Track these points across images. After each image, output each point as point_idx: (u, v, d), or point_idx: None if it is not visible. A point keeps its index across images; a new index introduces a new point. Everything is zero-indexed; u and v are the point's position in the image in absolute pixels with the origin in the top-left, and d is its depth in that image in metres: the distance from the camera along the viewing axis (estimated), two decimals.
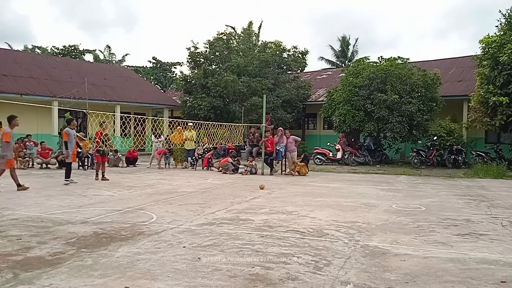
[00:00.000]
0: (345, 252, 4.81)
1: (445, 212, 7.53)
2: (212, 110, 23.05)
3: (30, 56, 29.06)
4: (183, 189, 10.31)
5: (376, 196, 9.58)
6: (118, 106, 25.21)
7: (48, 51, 41.03)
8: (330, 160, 19.45)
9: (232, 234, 5.63)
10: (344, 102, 19.02)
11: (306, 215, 7.08)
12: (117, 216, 6.79)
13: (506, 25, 16.29)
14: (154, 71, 45.98)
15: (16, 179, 9.74)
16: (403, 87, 18.14)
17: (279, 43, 26.43)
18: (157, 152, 16.89)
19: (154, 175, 13.85)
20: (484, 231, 6.04)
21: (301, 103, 25.24)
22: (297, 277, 3.93)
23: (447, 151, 17.68)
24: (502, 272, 4.17)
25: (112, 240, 5.19)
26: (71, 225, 6.05)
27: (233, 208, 7.65)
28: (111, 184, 11.22)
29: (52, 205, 7.69)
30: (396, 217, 6.97)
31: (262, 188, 10.46)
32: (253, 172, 14.70)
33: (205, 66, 24.81)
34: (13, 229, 5.71)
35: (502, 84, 15.03)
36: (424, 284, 3.80)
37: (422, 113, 17.87)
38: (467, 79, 21.41)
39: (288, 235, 5.62)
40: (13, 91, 20.73)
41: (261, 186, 10.66)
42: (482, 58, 16.18)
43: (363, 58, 22.43)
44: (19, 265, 4.17)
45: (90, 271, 4.01)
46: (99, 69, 30.84)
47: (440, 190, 10.61)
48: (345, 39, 41.16)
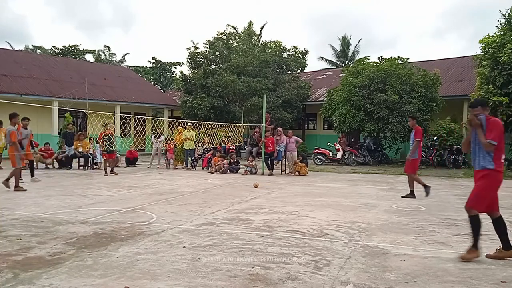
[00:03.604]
0: (345, 252, 4.81)
1: (445, 212, 7.53)
2: (212, 110, 23.05)
3: (30, 56, 29.06)
4: (183, 189, 10.31)
5: (376, 196, 9.58)
6: (118, 106, 25.20)
7: (49, 51, 41.02)
8: (330, 160, 19.45)
9: (232, 234, 5.63)
10: (344, 102, 19.02)
11: (306, 215, 7.08)
12: (117, 216, 6.79)
13: (506, 25, 16.27)
14: (154, 71, 45.98)
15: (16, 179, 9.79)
16: (403, 87, 18.14)
17: (279, 43, 26.43)
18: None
19: (154, 175, 13.85)
20: (484, 231, 6.00)
21: (301, 103, 25.24)
22: (297, 277, 3.93)
23: (447, 151, 17.68)
24: (502, 272, 4.17)
25: (112, 240, 5.19)
26: (71, 225, 6.05)
27: (233, 208, 7.65)
28: (111, 184, 11.22)
29: (52, 205, 7.69)
30: (396, 217, 6.97)
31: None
32: (253, 172, 14.70)
33: (205, 66, 24.82)
34: (13, 229, 5.71)
35: (502, 84, 15.02)
36: (424, 284, 3.80)
37: (422, 113, 17.87)
38: (467, 79, 21.42)
39: (288, 235, 5.62)
40: (13, 91, 20.72)
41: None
42: (482, 58, 16.17)
43: (363, 58, 22.43)
44: (19, 265, 4.17)
45: (90, 271, 4.01)
46: (99, 69, 30.83)
47: (440, 190, 10.61)
48: (345, 39, 41.16)
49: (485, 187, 4.55)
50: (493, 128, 4.51)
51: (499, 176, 4.54)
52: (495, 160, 4.51)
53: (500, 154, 4.52)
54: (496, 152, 4.50)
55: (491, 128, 4.52)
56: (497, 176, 4.54)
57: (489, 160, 4.51)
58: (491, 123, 4.55)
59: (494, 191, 4.57)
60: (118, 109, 24.88)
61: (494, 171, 4.51)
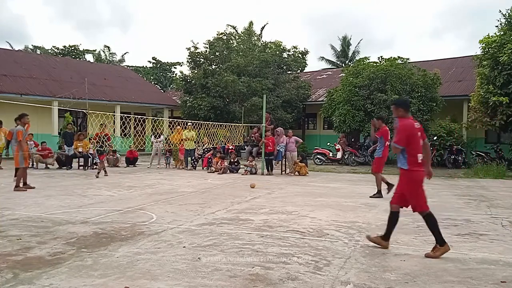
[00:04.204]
0: (345, 252, 4.81)
1: (445, 212, 7.52)
2: (212, 110, 23.05)
3: (30, 56, 29.07)
4: (183, 189, 10.31)
5: None
6: (118, 106, 25.21)
7: (49, 51, 41.03)
8: (330, 160, 19.45)
9: (232, 234, 5.63)
10: (344, 102, 19.02)
11: (306, 215, 7.08)
12: (117, 216, 6.79)
13: (506, 25, 16.28)
14: (154, 71, 45.97)
15: (19, 180, 9.85)
16: (403, 87, 18.14)
17: (279, 43, 26.44)
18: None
19: (154, 175, 13.85)
20: (484, 231, 6.04)
21: (301, 103, 25.25)
22: (297, 277, 3.93)
23: (447, 151, 17.67)
24: (502, 272, 4.17)
25: (112, 240, 5.19)
26: (71, 225, 6.05)
27: (233, 208, 7.65)
28: (111, 184, 11.22)
29: (52, 205, 7.68)
30: None
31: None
32: (253, 172, 14.70)
33: (205, 66, 24.82)
34: (13, 229, 5.71)
35: (502, 84, 15.03)
36: (424, 284, 3.79)
37: (422, 113, 17.87)
38: (467, 79, 21.41)
39: (288, 235, 5.62)
40: (13, 91, 20.73)
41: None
42: (482, 58, 16.18)
43: (363, 58, 22.43)
44: (19, 265, 4.17)
45: (90, 271, 4.01)
46: (99, 69, 30.84)
47: (440, 190, 10.60)
48: (345, 39, 41.17)
49: (404, 186, 4.82)
50: (398, 131, 4.75)
51: (413, 175, 4.73)
52: (408, 161, 4.72)
53: (413, 156, 4.71)
54: (409, 153, 4.71)
55: (397, 131, 4.79)
56: (412, 175, 4.74)
57: (403, 161, 4.76)
58: (399, 126, 4.80)
59: (416, 189, 4.74)
60: (118, 109, 24.89)
61: (407, 171, 4.74)
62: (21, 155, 9.78)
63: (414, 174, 4.73)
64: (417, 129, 4.81)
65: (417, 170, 4.71)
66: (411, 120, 4.89)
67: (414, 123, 4.85)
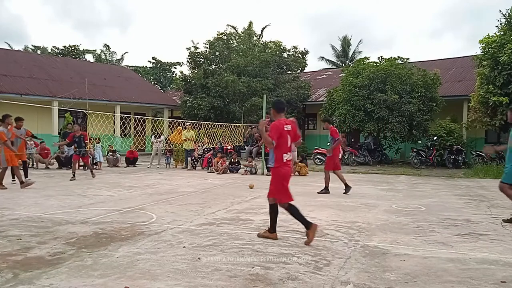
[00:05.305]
0: (345, 252, 4.81)
1: (445, 212, 7.53)
2: (212, 110, 23.04)
3: (30, 56, 29.06)
4: (183, 189, 10.31)
5: (376, 196, 9.57)
6: (118, 106, 25.19)
7: (49, 51, 41.03)
8: None
9: (232, 234, 5.63)
10: (344, 102, 19.01)
11: (306, 215, 7.02)
12: (117, 216, 6.79)
13: (506, 25, 16.27)
14: (154, 71, 45.94)
15: (19, 177, 10.14)
16: (403, 87, 18.13)
17: (279, 43, 26.42)
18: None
19: (154, 175, 13.85)
20: (484, 231, 6.04)
21: (301, 103, 25.22)
22: (297, 277, 3.93)
23: (447, 151, 17.67)
24: (502, 272, 4.17)
25: (112, 240, 5.19)
26: (71, 225, 6.05)
27: (233, 208, 7.65)
28: (111, 184, 11.22)
29: (52, 205, 7.69)
30: (396, 217, 6.97)
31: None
32: (253, 172, 14.71)
33: (205, 66, 24.80)
34: (13, 229, 5.71)
35: (502, 84, 15.02)
36: (424, 284, 3.80)
37: (422, 113, 17.87)
38: (467, 79, 21.41)
39: (288, 235, 5.62)
40: (13, 91, 20.72)
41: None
42: (482, 58, 16.17)
43: (363, 58, 22.42)
44: (19, 265, 4.17)
45: (90, 271, 4.01)
46: (99, 69, 30.82)
47: (440, 190, 10.61)
48: (346, 38, 41.15)
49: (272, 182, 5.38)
50: (271, 129, 5.29)
51: (278, 171, 5.32)
52: (276, 159, 5.32)
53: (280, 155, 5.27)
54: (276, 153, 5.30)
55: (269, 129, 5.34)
56: (277, 172, 5.34)
57: (272, 160, 5.41)
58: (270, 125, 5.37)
59: (279, 184, 5.30)
60: (118, 109, 24.87)
61: (274, 169, 5.39)
62: (3, 156, 9.98)
63: (279, 171, 5.32)
64: (286, 131, 5.31)
65: (282, 167, 5.30)
66: (283, 121, 5.38)
67: (285, 125, 5.34)
